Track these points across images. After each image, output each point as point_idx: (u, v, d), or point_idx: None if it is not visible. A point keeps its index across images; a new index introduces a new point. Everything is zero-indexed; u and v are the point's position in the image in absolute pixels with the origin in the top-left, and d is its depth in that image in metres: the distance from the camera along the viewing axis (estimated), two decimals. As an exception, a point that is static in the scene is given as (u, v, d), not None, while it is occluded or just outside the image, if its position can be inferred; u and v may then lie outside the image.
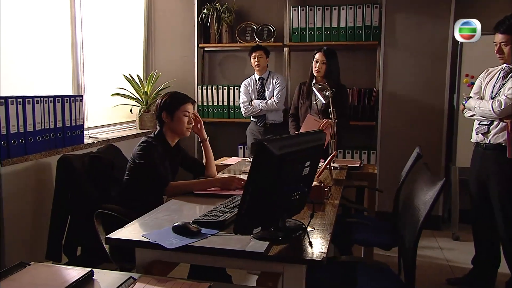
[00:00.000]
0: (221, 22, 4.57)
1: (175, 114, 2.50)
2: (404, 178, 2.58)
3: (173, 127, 2.52)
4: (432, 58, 4.15)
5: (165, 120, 2.51)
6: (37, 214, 2.80)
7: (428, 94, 4.19)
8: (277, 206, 1.59)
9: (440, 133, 4.15)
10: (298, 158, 1.59)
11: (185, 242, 1.56)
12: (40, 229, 2.73)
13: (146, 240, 1.60)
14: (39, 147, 2.80)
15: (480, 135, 2.81)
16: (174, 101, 2.52)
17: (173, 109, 2.50)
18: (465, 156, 3.40)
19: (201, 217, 1.79)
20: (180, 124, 2.51)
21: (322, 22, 4.33)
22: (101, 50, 3.97)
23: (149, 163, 2.34)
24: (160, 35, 4.74)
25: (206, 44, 4.68)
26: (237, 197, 2.09)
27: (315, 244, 1.58)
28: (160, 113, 2.52)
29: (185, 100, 2.54)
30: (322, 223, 1.84)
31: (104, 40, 4.03)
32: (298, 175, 1.65)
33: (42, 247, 2.51)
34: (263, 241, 1.57)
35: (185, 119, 2.52)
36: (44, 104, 2.84)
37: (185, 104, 2.52)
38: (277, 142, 1.47)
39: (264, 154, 1.43)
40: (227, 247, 1.52)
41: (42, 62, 3.30)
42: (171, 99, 2.53)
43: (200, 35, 4.68)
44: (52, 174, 2.87)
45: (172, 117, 2.50)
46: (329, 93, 2.90)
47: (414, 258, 1.73)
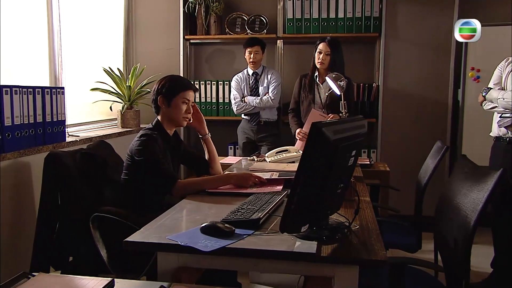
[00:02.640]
0: (209, 12, 4.41)
1: (173, 100, 2.33)
2: (430, 175, 2.49)
3: (169, 114, 2.35)
4: (435, 51, 4.13)
5: (161, 106, 2.34)
6: (16, 221, 2.56)
7: (432, 89, 4.17)
8: (325, 200, 1.47)
9: (444, 130, 4.13)
10: (348, 146, 1.47)
11: (222, 244, 1.41)
12: (20, 238, 2.51)
13: (173, 243, 1.43)
14: (17, 144, 2.57)
15: (503, 128, 2.77)
16: (174, 86, 2.34)
17: (172, 94, 2.33)
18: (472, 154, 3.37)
19: (230, 216, 1.64)
20: (177, 111, 2.34)
21: (319, 12, 4.25)
22: (78, 40, 3.75)
23: (152, 160, 2.17)
24: (142, 25, 4.55)
25: (193, 35, 4.52)
26: (260, 195, 1.95)
27: (369, 243, 1.46)
28: (156, 97, 2.35)
29: (186, 87, 2.37)
30: (362, 220, 1.72)
31: (81, 29, 3.81)
32: (344, 165, 1.53)
33: (23, 259, 2.32)
34: (309, 241, 1.44)
35: (184, 106, 2.35)
36: (23, 96, 2.61)
37: (185, 91, 2.35)
38: (331, 126, 1.35)
39: (319, 139, 1.30)
40: (273, 248, 1.38)
41: (16, 51, 3.06)
42: (170, 83, 2.35)
43: (186, 26, 4.51)
44: (31, 176, 2.67)
45: (169, 103, 2.33)
46: (344, 83, 2.80)
47: (467, 260, 1.62)
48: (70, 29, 3.60)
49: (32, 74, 3.25)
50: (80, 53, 3.79)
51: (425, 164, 2.73)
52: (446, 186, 2.01)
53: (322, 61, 3.47)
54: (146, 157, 2.16)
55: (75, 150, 2.44)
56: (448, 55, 4.08)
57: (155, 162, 2.16)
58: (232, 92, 4.19)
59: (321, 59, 3.47)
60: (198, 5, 4.38)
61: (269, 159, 3.00)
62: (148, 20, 4.54)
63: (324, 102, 3.48)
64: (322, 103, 3.50)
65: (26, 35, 3.17)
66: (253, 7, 4.51)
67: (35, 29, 3.27)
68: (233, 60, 4.62)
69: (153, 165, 2.16)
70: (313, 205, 1.40)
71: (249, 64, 4.08)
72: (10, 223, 2.53)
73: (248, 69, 4.14)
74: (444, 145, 2.54)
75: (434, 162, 2.51)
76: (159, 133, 2.31)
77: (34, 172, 2.67)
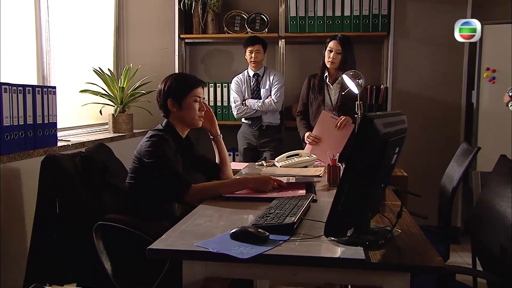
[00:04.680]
0: (207, 9, 4.35)
1: (184, 101, 2.26)
2: (460, 180, 2.44)
3: (183, 117, 2.29)
4: (447, 50, 4.12)
5: (172, 109, 2.27)
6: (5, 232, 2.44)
7: (444, 90, 4.15)
8: (370, 201, 1.40)
9: (457, 134, 4.11)
10: (395, 141, 1.41)
11: (259, 251, 1.32)
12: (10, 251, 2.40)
13: (203, 250, 1.35)
14: (6, 148, 2.45)
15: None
16: (182, 85, 2.28)
17: (181, 95, 2.26)
18: (487, 160, 3.36)
19: (259, 221, 1.55)
20: (191, 112, 2.27)
21: (324, 10, 4.21)
22: (66, 38, 3.66)
23: (164, 163, 2.08)
24: (134, 22, 4.47)
25: (189, 34, 4.45)
26: (285, 199, 1.87)
27: (419, 248, 1.40)
28: (165, 101, 2.28)
29: (195, 84, 2.30)
30: (402, 225, 1.66)
31: (69, 26, 3.72)
32: (388, 163, 1.47)
33: (14, 273, 2.23)
34: (353, 247, 1.37)
35: (196, 105, 2.28)
36: (12, 94, 2.51)
37: (195, 88, 2.28)
38: (380, 118, 1.29)
39: (370, 132, 1.23)
40: (317, 255, 1.30)
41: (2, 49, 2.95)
42: (177, 83, 2.28)
43: (182, 24, 4.44)
44: (21, 183, 2.56)
45: (181, 105, 2.26)
46: (362, 81, 2.75)
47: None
48: (58, 26, 3.50)
49: (19, 73, 3.15)
50: (68, 52, 3.69)
51: (449, 168, 2.68)
52: (483, 191, 1.96)
53: (332, 60, 3.42)
54: (158, 159, 2.08)
55: (74, 153, 2.33)
56: (461, 55, 4.07)
57: (167, 165, 2.08)
58: (232, 94, 4.12)
59: (331, 57, 3.42)
60: (195, 2, 4.31)
61: (280, 164, 2.93)
62: (140, 17, 4.47)
63: (335, 103, 3.42)
64: (332, 105, 3.44)
65: (12, 32, 3.06)
66: (253, 5, 4.46)
67: (22, 26, 3.17)
68: (231, 61, 4.56)
69: (165, 168, 2.07)
70: (360, 207, 1.33)
71: (250, 64, 4.01)
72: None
73: (249, 70, 4.08)
74: (477, 147, 2.49)
75: (462, 165, 2.46)
76: (171, 135, 2.23)
77: (24, 178, 2.56)
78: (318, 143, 3.32)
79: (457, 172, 2.52)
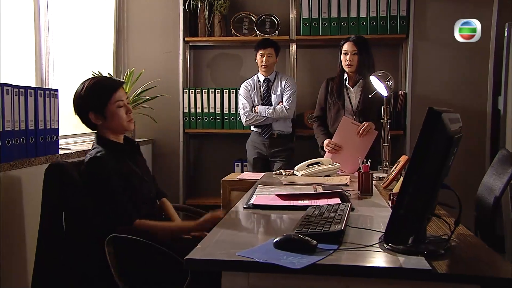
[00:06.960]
0: (213, 11, 4.32)
1: (106, 110, 2.14)
2: (504, 189, 2.38)
3: (110, 127, 2.18)
4: (471, 53, 4.09)
5: (96, 122, 2.16)
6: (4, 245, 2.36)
7: (467, 96, 4.12)
8: (432, 204, 1.34)
9: (482, 142, 4.07)
10: (457, 140, 1.35)
11: (311, 260, 1.26)
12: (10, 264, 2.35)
13: (247, 260, 1.28)
14: (7, 155, 2.38)
15: None
16: (99, 94, 2.14)
17: (101, 105, 2.13)
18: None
19: (302, 229, 1.49)
20: (117, 119, 2.15)
21: (338, 11, 4.18)
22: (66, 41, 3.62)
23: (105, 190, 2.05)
24: (135, 25, 4.44)
25: (194, 37, 4.41)
26: (322, 207, 1.80)
27: (487, 259, 1.34)
28: (86, 115, 2.16)
29: (113, 87, 2.17)
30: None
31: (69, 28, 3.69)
32: (447, 165, 1.41)
33: None
34: (414, 256, 1.30)
35: (122, 110, 2.16)
36: (14, 97, 2.44)
37: (114, 92, 2.15)
38: (446, 113, 1.23)
39: (437, 128, 1.18)
40: (377, 265, 1.24)
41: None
42: (93, 92, 2.14)
43: (186, 27, 4.41)
44: (21, 192, 2.48)
45: (104, 116, 2.14)
46: (392, 83, 2.71)
47: None
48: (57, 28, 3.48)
49: (17, 75, 3.09)
50: (67, 54, 3.65)
51: (486, 177, 2.62)
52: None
53: (350, 63, 3.38)
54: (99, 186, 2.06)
55: (79, 161, 2.26)
56: (486, 58, 4.05)
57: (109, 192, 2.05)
58: (240, 100, 4.07)
59: (348, 60, 3.38)
60: (201, 3, 4.28)
61: (300, 172, 2.87)
62: (142, 19, 4.43)
63: (356, 107, 3.38)
64: (353, 109, 3.39)
65: (11, 34, 3.02)
66: (262, 6, 4.43)
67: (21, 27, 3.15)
68: (239, 66, 4.52)
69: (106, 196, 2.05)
70: (423, 211, 1.27)
71: (261, 68, 3.97)
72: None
73: (259, 74, 4.04)
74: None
75: (504, 173, 2.39)
76: (108, 148, 2.15)
77: (25, 188, 2.49)
78: (339, 151, 3.27)
79: (495, 181, 2.46)
